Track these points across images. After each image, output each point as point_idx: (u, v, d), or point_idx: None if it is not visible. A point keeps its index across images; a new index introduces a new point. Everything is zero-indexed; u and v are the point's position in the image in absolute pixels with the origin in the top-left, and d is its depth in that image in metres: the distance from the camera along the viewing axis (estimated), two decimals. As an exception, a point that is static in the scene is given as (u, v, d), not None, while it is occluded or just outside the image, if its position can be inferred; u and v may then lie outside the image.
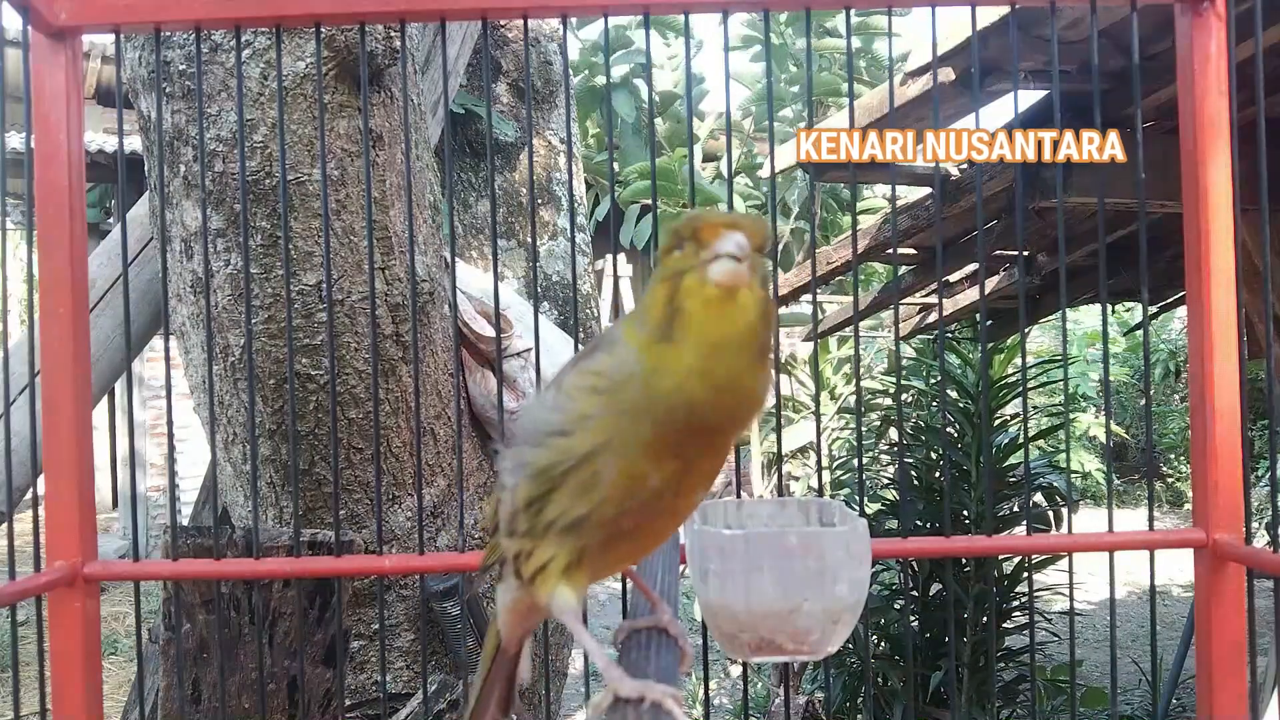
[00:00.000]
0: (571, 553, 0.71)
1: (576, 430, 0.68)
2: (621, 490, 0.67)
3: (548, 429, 0.69)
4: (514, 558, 0.74)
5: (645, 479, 0.67)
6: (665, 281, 0.66)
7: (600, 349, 0.70)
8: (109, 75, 8.38)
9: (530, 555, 0.72)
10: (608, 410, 0.67)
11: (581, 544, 0.70)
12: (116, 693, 4.84)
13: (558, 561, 0.71)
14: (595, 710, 0.67)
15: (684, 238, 0.66)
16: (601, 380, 0.67)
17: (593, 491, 0.68)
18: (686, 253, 0.66)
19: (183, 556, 1.47)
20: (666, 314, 0.64)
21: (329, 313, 1.43)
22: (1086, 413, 10.04)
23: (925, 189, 3.98)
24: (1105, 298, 1.41)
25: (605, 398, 0.67)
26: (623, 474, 0.67)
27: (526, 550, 0.72)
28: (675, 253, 0.67)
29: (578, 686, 4.61)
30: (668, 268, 0.66)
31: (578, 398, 0.68)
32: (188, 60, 1.88)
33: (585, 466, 0.67)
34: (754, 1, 1.30)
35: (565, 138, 3.17)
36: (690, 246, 0.66)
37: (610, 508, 0.68)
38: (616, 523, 0.69)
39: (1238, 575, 1.21)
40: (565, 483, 0.69)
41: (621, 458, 0.66)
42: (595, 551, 0.71)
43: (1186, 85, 1.24)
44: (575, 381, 0.69)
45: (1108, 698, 4.56)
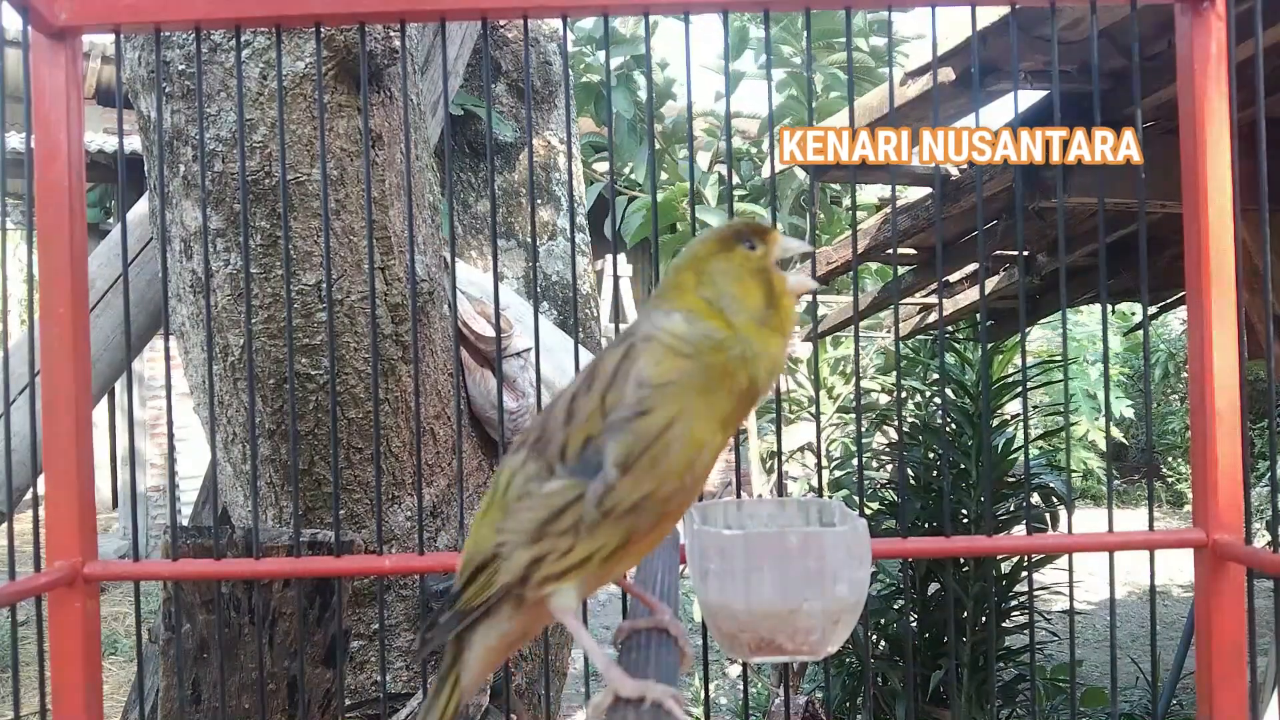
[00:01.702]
0: (620, 538, 0.72)
1: (659, 403, 0.71)
2: (684, 462, 0.71)
3: (631, 410, 0.71)
4: (529, 565, 0.72)
5: (703, 449, 0.72)
6: (758, 276, 0.76)
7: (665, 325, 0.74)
8: (109, 75, 8.38)
9: (567, 552, 0.72)
10: (692, 376, 0.72)
11: (631, 528, 0.72)
12: (116, 693, 4.85)
13: (603, 551, 0.72)
14: (595, 710, 0.67)
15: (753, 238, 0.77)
16: (686, 347, 0.73)
17: (660, 466, 0.70)
18: (763, 253, 0.77)
19: (183, 556, 1.47)
20: (768, 305, 0.75)
21: (329, 313, 1.43)
22: (1085, 415, 10.04)
23: (925, 189, 3.98)
24: (1105, 298, 1.41)
25: (691, 363, 0.72)
26: (691, 443, 0.71)
27: (563, 548, 0.72)
28: (747, 249, 0.77)
29: (578, 686, 4.61)
30: (754, 263, 0.76)
31: (663, 365, 0.72)
32: (187, 60, 1.88)
33: (660, 440, 0.70)
34: (754, 1, 1.30)
35: (565, 137, 3.17)
36: (764, 248, 0.77)
37: (671, 482, 0.71)
38: (667, 502, 0.72)
39: (1238, 575, 1.21)
40: (636, 465, 0.70)
41: (693, 424, 0.71)
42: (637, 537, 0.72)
43: (1186, 85, 1.24)
44: (657, 351, 0.73)
45: (1108, 698, 4.56)
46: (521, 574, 0.73)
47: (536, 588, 0.73)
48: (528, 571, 0.73)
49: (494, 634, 0.77)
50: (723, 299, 0.75)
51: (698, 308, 0.74)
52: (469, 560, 0.77)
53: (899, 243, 4.22)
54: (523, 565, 0.73)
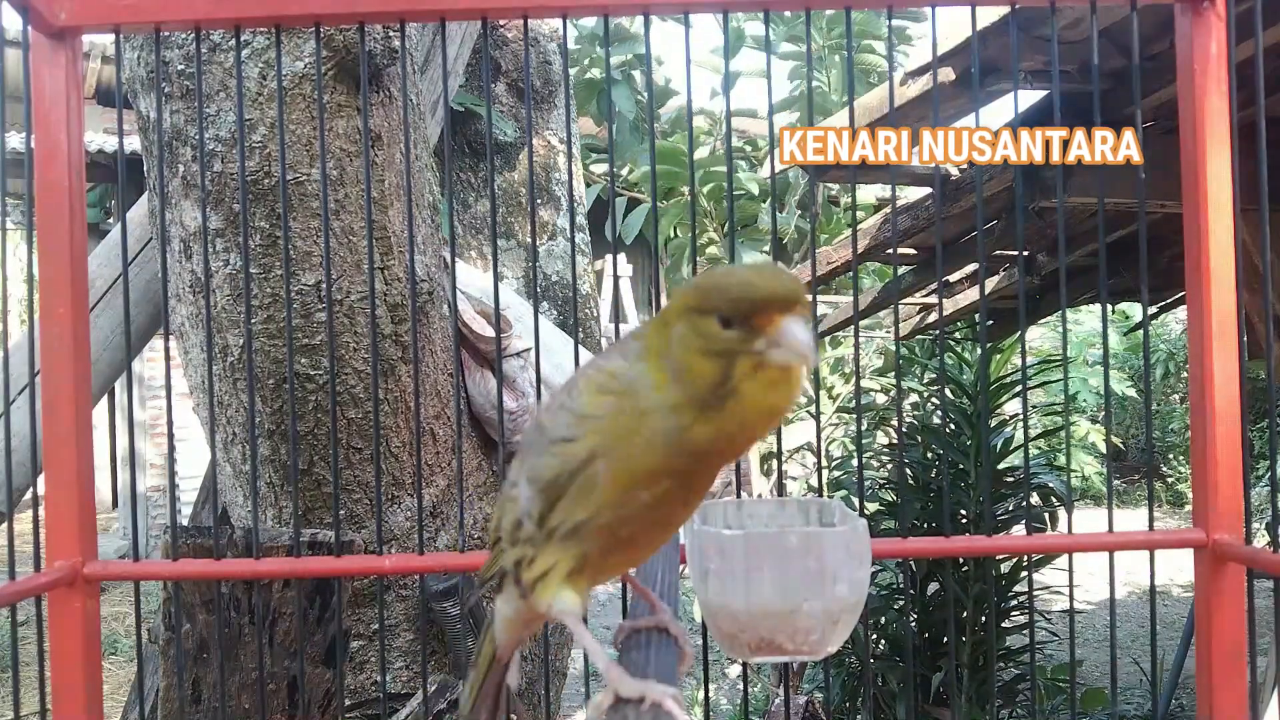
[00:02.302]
0: (573, 559, 0.72)
1: (580, 432, 0.70)
2: (616, 499, 0.69)
3: (555, 435, 0.71)
4: (514, 565, 0.75)
5: (637, 492, 0.68)
6: (715, 357, 0.64)
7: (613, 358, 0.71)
8: (109, 75, 8.38)
9: (532, 562, 0.74)
10: (615, 413, 0.68)
11: (582, 550, 0.72)
12: (116, 693, 4.84)
13: (559, 568, 0.73)
14: (595, 710, 0.67)
15: (731, 317, 0.64)
16: (614, 384, 0.69)
17: (590, 497, 0.69)
18: (739, 336, 0.63)
19: (183, 556, 1.47)
20: (716, 390, 0.64)
21: (328, 313, 1.43)
22: (1084, 415, 10.04)
23: (925, 189, 3.98)
24: (1105, 298, 1.41)
25: (613, 401, 0.68)
26: (617, 483, 0.68)
27: (529, 557, 0.74)
28: (719, 327, 0.64)
29: (578, 686, 4.61)
30: (716, 343, 0.64)
31: (587, 394, 0.70)
32: (187, 60, 1.88)
33: (585, 470, 0.69)
34: (754, 1, 1.30)
35: (565, 137, 3.17)
36: (741, 332, 0.63)
37: (608, 514, 0.69)
38: (613, 531, 0.70)
39: (1238, 575, 1.21)
40: (568, 489, 0.70)
41: (617, 466, 0.68)
42: (595, 558, 0.73)
43: (1186, 85, 1.24)
44: (586, 381, 0.71)
45: (1108, 698, 4.56)
46: (513, 566, 0.76)
47: (529, 587, 0.75)
48: (516, 571, 0.75)
49: (507, 607, 0.80)
50: (667, 360, 0.66)
51: (651, 351, 0.68)
52: (491, 535, 0.81)
53: (899, 243, 4.22)
54: (511, 561, 0.76)
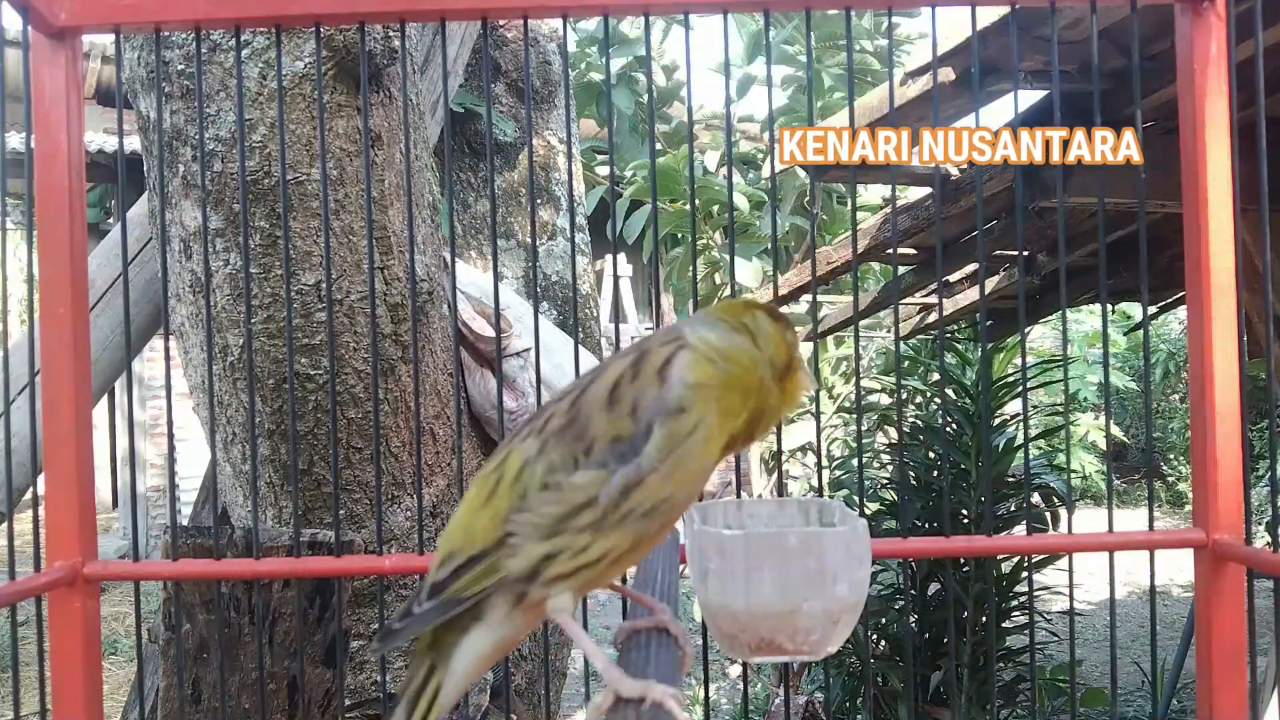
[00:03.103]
0: (631, 541, 0.72)
1: (693, 404, 0.73)
2: (701, 466, 0.74)
3: (671, 407, 0.73)
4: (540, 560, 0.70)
5: (713, 458, 0.75)
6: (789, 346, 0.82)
7: (706, 331, 0.78)
8: (109, 75, 8.38)
9: (583, 550, 0.71)
10: (718, 380, 0.75)
11: (643, 531, 0.72)
12: (116, 693, 4.85)
13: (615, 553, 0.72)
14: (596, 711, 0.67)
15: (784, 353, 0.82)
16: (717, 354, 0.76)
17: (685, 467, 0.72)
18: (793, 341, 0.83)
19: (183, 556, 1.47)
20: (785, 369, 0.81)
21: (328, 312, 1.43)
22: (1086, 414, 10.04)
23: (925, 189, 3.98)
24: (1105, 298, 1.41)
25: (720, 368, 0.76)
26: (710, 446, 0.74)
27: (579, 545, 0.70)
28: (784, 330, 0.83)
29: (578, 686, 4.61)
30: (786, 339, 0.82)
31: (699, 368, 0.75)
32: (187, 60, 1.88)
33: (688, 440, 0.72)
34: (754, 1, 1.30)
35: (565, 137, 3.16)
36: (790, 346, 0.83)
37: (687, 487, 0.73)
38: (677, 508, 0.74)
39: (1238, 575, 1.21)
40: (663, 464, 0.72)
41: (711, 432, 0.74)
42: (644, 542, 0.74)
43: (1186, 85, 1.24)
44: (694, 354, 0.76)
45: (1108, 698, 4.56)
46: (531, 569, 0.71)
47: (544, 585, 0.71)
48: (538, 566, 0.70)
49: (488, 639, 0.73)
50: (759, 336, 0.80)
51: (739, 327, 0.80)
52: (459, 549, 0.73)
53: (899, 243, 4.22)
54: (534, 559, 0.70)
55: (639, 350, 0.77)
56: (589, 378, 0.77)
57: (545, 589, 0.71)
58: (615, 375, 0.75)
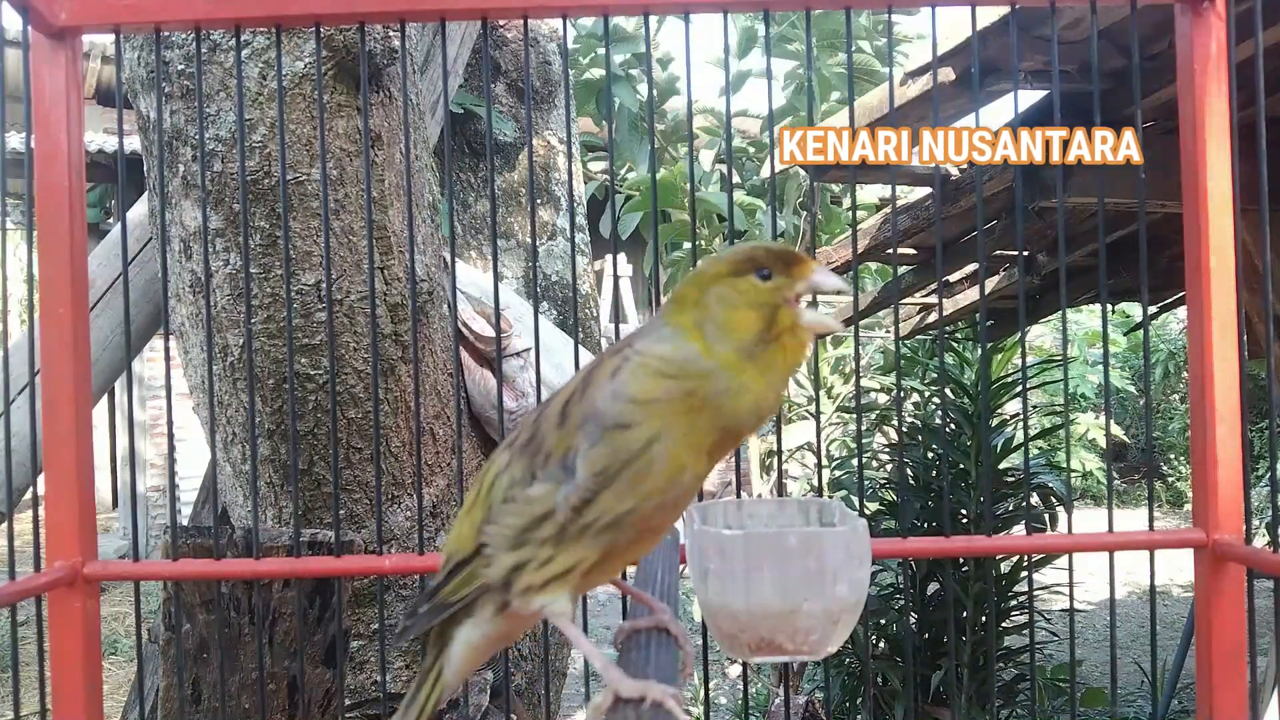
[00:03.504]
0: (600, 552, 0.72)
1: (639, 418, 0.70)
2: (666, 482, 0.70)
3: (609, 422, 0.70)
4: (511, 571, 0.73)
5: (684, 472, 0.71)
6: (759, 309, 0.72)
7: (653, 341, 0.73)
8: (109, 75, 8.37)
9: (546, 563, 0.72)
10: (673, 396, 0.70)
11: (613, 542, 0.71)
12: (116, 693, 4.84)
13: (583, 565, 0.72)
14: (595, 711, 0.67)
15: (773, 267, 0.73)
16: (669, 367, 0.71)
17: (642, 484, 0.70)
18: (779, 285, 0.73)
19: (183, 556, 1.47)
20: (760, 341, 0.72)
21: (329, 313, 1.43)
22: (1086, 413, 10.05)
23: (925, 189, 3.98)
24: (1105, 298, 1.41)
25: (674, 384, 0.71)
26: (673, 463, 0.70)
27: (543, 558, 0.72)
28: (758, 279, 0.73)
29: (578, 686, 4.62)
30: (760, 296, 0.72)
31: (640, 380, 0.71)
32: (187, 60, 1.88)
33: (642, 457, 0.69)
34: (754, 1, 1.30)
35: (564, 137, 3.16)
36: (782, 280, 0.73)
37: (653, 500, 0.71)
38: (648, 519, 0.71)
39: (1238, 575, 1.21)
40: (617, 479, 0.70)
41: (675, 447, 0.70)
42: (620, 550, 0.73)
43: (1186, 85, 1.24)
44: (633, 369, 0.72)
45: (1108, 698, 4.56)
46: (504, 578, 0.73)
47: (520, 595, 0.73)
48: (509, 577, 0.73)
49: (476, 633, 0.78)
50: (707, 325, 0.72)
51: (686, 327, 0.73)
52: (450, 555, 0.78)
53: (899, 243, 4.22)
54: (505, 570, 0.73)
55: (593, 364, 0.76)
56: (553, 393, 0.78)
57: (523, 598, 0.73)
58: (569, 391, 0.75)
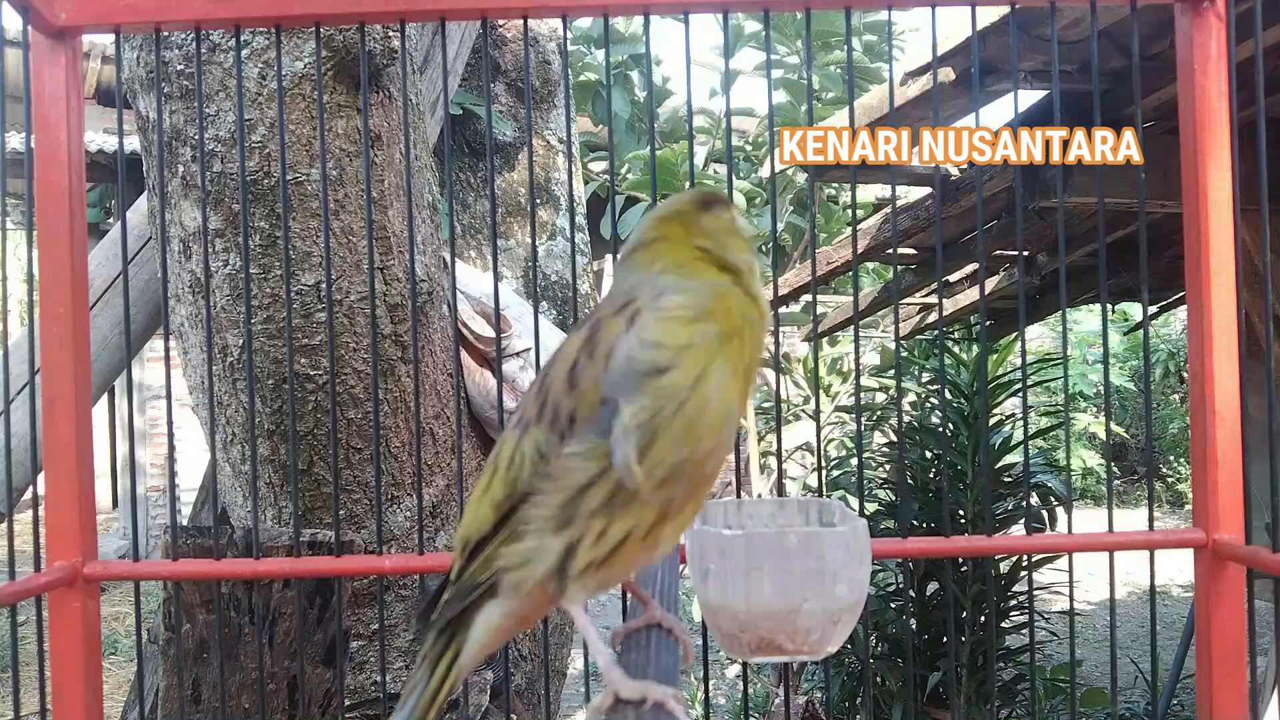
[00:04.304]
0: (656, 512, 0.68)
1: (679, 362, 0.68)
2: (721, 420, 0.69)
3: (645, 368, 0.68)
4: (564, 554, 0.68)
5: (734, 408, 0.70)
6: (735, 235, 0.79)
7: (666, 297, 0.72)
8: (109, 75, 8.37)
9: (603, 534, 0.68)
10: (709, 335, 0.70)
11: (670, 497, 0.68)
12: (116, 693, 4.84)
13: (641, 527, 0.68)
14: (595, 712, 0.67)
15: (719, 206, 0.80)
16: (689, 311, 0.71)
17: (698, 427, 0.68)
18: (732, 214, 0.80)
19: (183, 556, 1.47)
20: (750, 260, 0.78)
21: (328, 313, 1.43)
22: (1085, 413, 10.05)
23: (925, 189, 3.98)
24: (1105, 298, 1.41)
25: (703, 324, 0.70)
26: (725, 399, 0.69)
27: (597, 530, 0.68)
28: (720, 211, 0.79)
29: (578, 686, 4.62)
30: (728, 224, 0.79)
31: (674, 330, 0.70)
32: (186, 60, 1.88)
33: (694, 397, 0.68)
34: (754, 1, 1.30)
35: (564, 137, 3.16)
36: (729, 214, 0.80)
37: (707, 444, 0.68)
38: (702, 467, 0.69)
39: (1238, 575, 1.21)
40: (670, 426, 0.67)
41: (722, 383, 0.69)
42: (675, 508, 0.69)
43: (1186, 85, 1.24)
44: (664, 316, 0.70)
45: (1107, 698, 4.56)
46: (558, 564, 0.69)
47: (579, 579, 0.69)
48: (564, 563, 0.69)
49: (499, 612, 0.74)
50: (725, 249, 0.76)
51: (691, 259, 0.75)
52: (468, 537, 0.74)
53: (899, 243, 4.22)
54: (557, 555, 0.69)
55: (591, 323, 0.73)
56: (551, 359, 0.75)
57: (581, 581, 0.69)
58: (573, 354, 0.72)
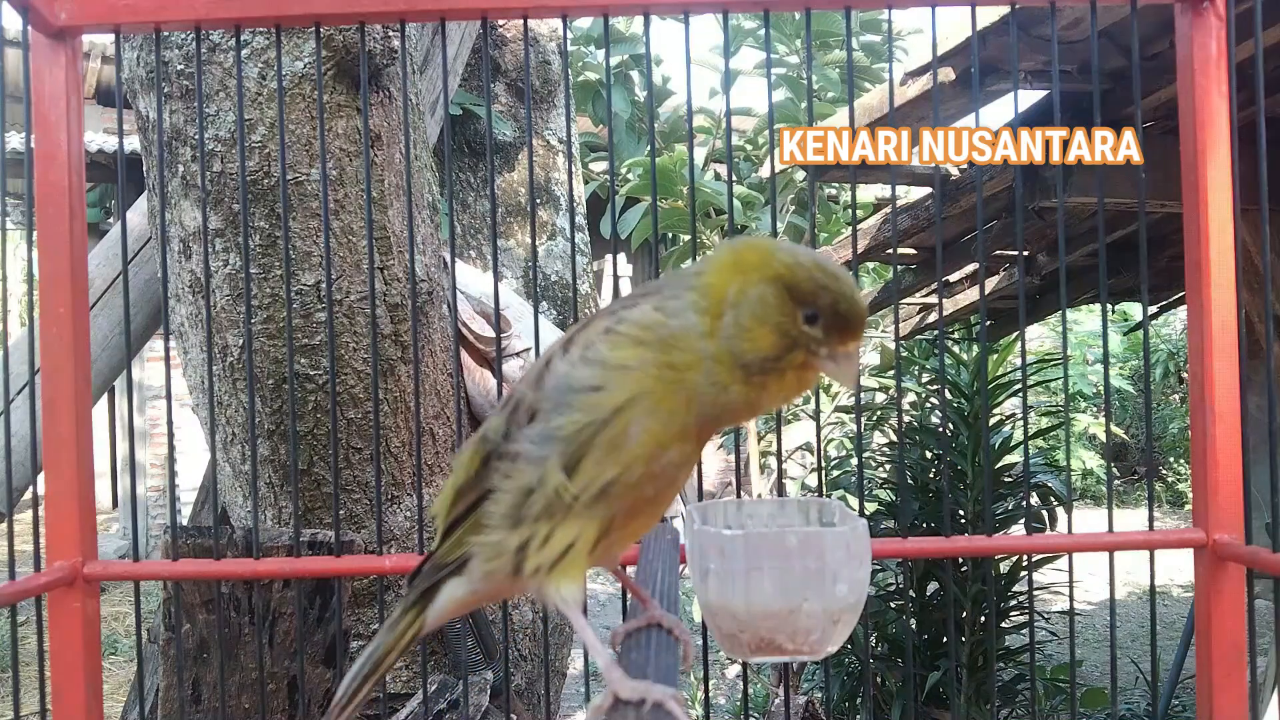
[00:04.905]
0: (599, 526, 0.70)
1: (611, 383, 0.68)
2: (645, 452, 0.68)
3: (577, 385, 0.69)
4: (517, 551, 0.71)
5: (666, 448, 0.68)
6: (784, 338, 0.67)
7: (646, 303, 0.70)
8: (109, 75, 8.37)
9: (547, 540, 0.70)
10: (647, 366, 0.68)
11: (610, 514, 0.70)
12: (116, 693, 4.84)
13: (583, 541, 0.70)
14: (595, 712, 0.67)
15: (822, 317, 0.67)
16: (651, 336, 0.68)
17: (621, 451, 0.68)
18: (819, 337, 0.68)
19: (183, 556, 1.47)
20: (765, 363, 0.67)
21: (328, 313, 1.43)
22: (1085, 413, 10.05)
23: (925, 189, 3.98)
24: (1105, 298, 1.41)
25: (650, 354, 0.68)
26: (648, 435, 0.68)
27: (543, 535, 0.70)
28: (803, 317, 0.67)
29: (578, 686, 4.61)
30: (794, 329, 0.67)
31: (617, 347, 0.69)
32: (186, 60, 1.88)
33: (616, 422, 0.67)
34: (754, 1, 1.30)
35: (564, 138, 3.16)
36: (822, 334, 0.68)
37: (636, 470, 0.68)
38: (639, 489, 0.70)
39: (1238, 575, 1.22)
40: (595, 444, 0.68)
41: (649, 419, 0.67)
42: (620, 523, 0.71)
43: (1186, 85, 1.24)
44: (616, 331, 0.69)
45: (1108, 698, 4.56)
46: (514, 562, 0.72)
47: (533, 577, 0.71)
48: (518, 559, 0.72)
49: (463, 589, 0.78)
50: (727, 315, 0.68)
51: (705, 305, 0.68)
52: (439, 516, 0.78)
53: (899, 243, 4.22)
54: (512, 552, 0.72)
55: (587, 320, 0.74)
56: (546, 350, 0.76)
57: (536, 581, 0.71)
58: (551, 351, 0.74)
